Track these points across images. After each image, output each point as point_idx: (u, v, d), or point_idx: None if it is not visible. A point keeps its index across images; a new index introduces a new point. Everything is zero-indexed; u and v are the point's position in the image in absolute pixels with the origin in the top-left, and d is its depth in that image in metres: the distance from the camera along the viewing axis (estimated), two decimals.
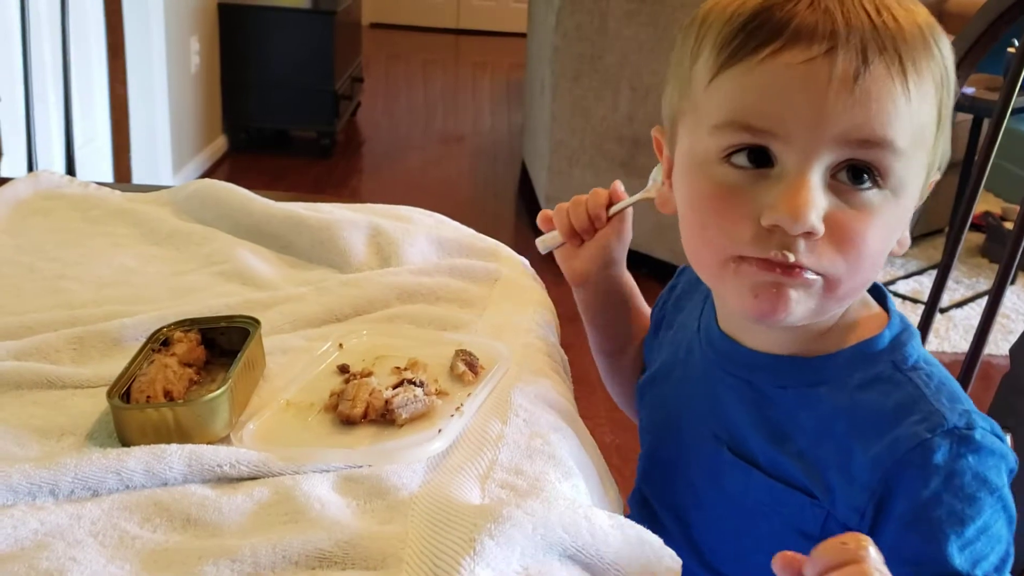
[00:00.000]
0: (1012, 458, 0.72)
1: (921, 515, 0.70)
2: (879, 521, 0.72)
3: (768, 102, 0.68)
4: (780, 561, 0.59)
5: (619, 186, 0.94)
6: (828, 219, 0.69)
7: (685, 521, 0.88)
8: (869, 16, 0.67)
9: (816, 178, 0.68)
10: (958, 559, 0.69)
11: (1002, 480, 0.71)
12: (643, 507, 0.94)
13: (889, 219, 0.71)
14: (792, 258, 0.69)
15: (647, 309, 1.03)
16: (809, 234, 0.68)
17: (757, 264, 0.70)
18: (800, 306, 0.71)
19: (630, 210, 0.95)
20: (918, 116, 0.69)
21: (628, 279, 1.01)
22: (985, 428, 0.72)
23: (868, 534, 0.60)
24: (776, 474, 0.78)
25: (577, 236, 0.95)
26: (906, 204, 0.72)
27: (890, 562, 0.68)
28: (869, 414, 0.74)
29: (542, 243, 0.98)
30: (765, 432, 0.79)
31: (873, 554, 0.57)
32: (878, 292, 0.82)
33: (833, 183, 0.69)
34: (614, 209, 0.94)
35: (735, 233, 0.71)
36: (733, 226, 0.71)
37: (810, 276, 0.70)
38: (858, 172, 0.69)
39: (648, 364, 0.98)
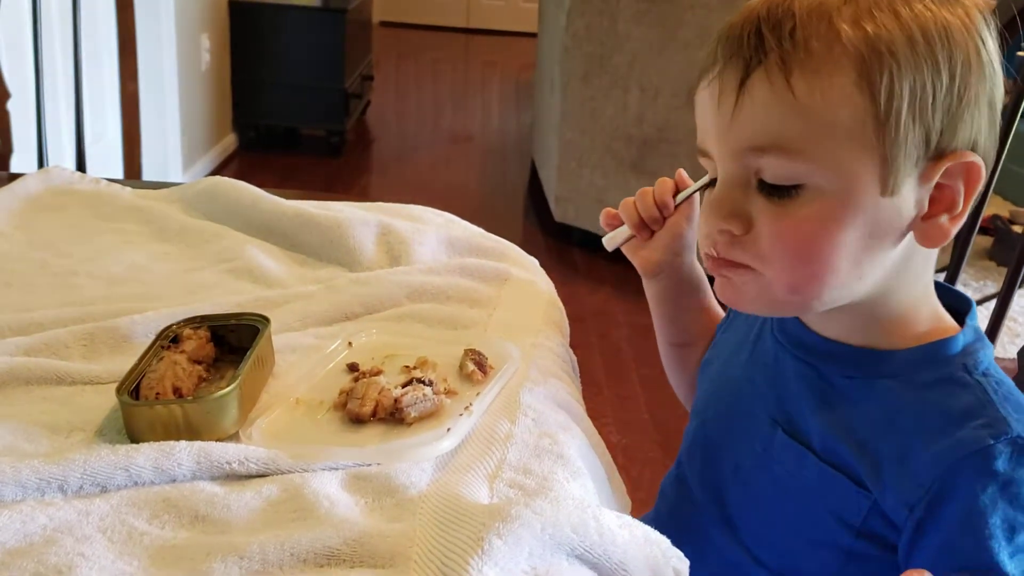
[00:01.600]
0: None
1: (975, 519, 0.70)
2: (928, 519, 0.71)
3: (700, 124, 0.77)
4: None
5: (684, 173, 0.95)
6: (757, 219, 0.74)
7: (724, 500, 0.88)
8: (759, 21, 0.71)
9: (728, 186, 0.75)
10: (1009, 566, 0.69)
11: None
12: (679, 485, 0.95)
13: (820, 216, 0.72)
14: (715, 252, 0.77)
15: (716, 303, 1.03)
16: (728, 232, 0.75)
17: (705, 258, 0.80)
18: (748, 292, 0.77)
19: (697, 195, 0.95)
20: (820, 112, 0.70)
21: (699, 269, 1.01)
22: None
23: (914, 531, 0.61)
24: (829, 459, 0.79)
25: (647, 228, 0.95)
26: (856, 199, 0.72)
27: (937, 564, 0.69)
28: (935, 412, 0.74)
29: (610, 240, 0.97)
30: (826, 418, 0.80)
31: None
32: (962, 301, 0.83)
33: (759, 188, 0.73)
34: (681, 196, 0.94)
35: (700, 235, 0.80)
36: (701, 229, 0.80)
37: (745, 267, 0.76)
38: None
39: (716, 343, 0.99)
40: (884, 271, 0.76)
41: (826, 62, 0.70)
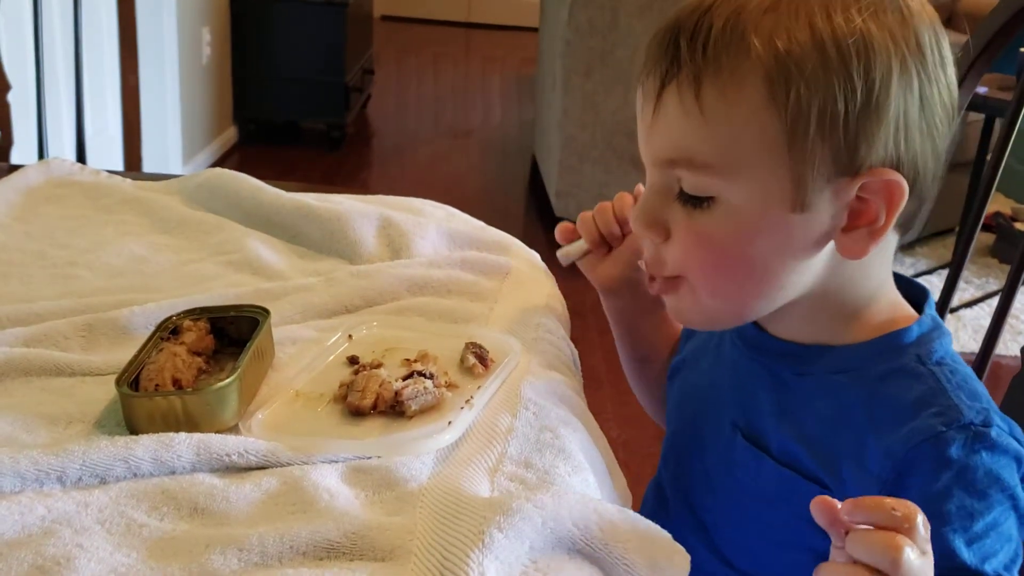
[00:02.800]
0: None
1: (931, 508, 0.69)
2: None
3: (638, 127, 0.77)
4: (818, 504, 0.60)
5: (642, 188, 0.94)
6: (674, 228, 0.75)
7: (695, 507, 0.89)
8: (679, 32, 0.71)
9: (652, 193, 0.76)
10: (966, 553, 0.68)
11: (1015, 480, 0.71)
12: (657, 492, 0.95)
13: (729, 229, 0.72)
14: (643, 266, 0.80)
15: None
16: (651, 241, 0.77)
17: (647, 282, 0.81)
18: (685, 304, 0.78)
19: None
20: (728, 128, 0.70)
21: None
22: (1003, 428, 0.71)
23: None
24: (786, 461, 0.78)
25: (605, 243, 0.94)
26: (765, 214, 0.71)
27: None
28: (888, 405, 0.74)
29: (564, 255, 0.96)
30: (779, 418, 0.80)
31: (922, 530, 0.58)
32: (921, 293, 0.82)
33: (679, 196, 0.74)
34: None
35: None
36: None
37: (675, 280, 0.77)
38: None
39: (681, 349, 0.99)
40: (813, 277, 0.75)
41: (735, 79, 0.69)
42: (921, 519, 0.59)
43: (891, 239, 0.76)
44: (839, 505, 0.59)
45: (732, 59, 0.68)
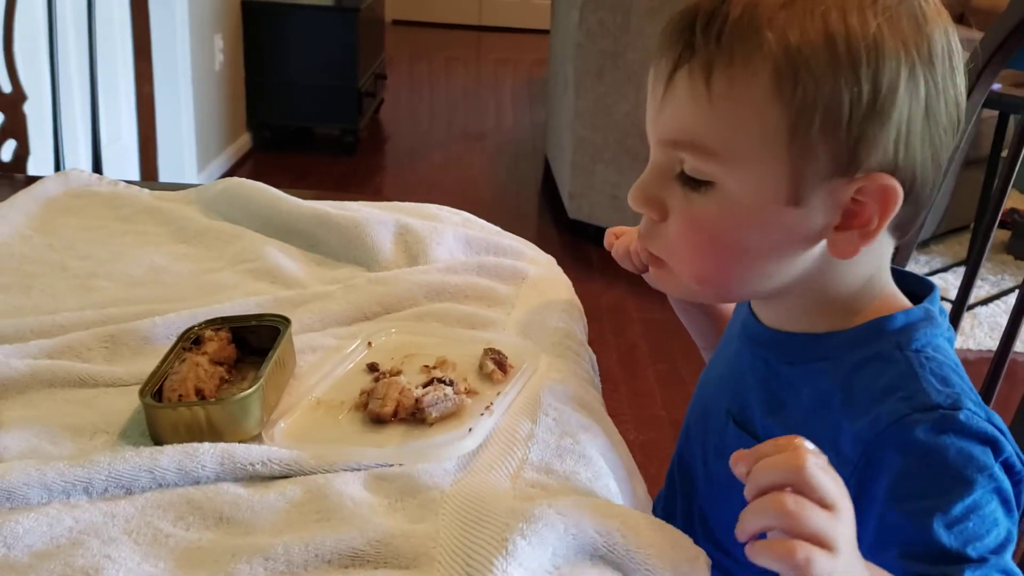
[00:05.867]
0: (1007, 446, 0.71)
1: (902, 493, 0.69)
2: (863, 501, 0.70)
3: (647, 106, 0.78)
4: (732, 459, 0.63)
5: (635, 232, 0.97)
6: (671, 208, 0.76)
7: (694, 495, 0.90)
8: (696, 17, 0.71)
9: (653, 172, 0.76)
10: (946, 536, 0.67)
11: (990, 460, 0.69)
12: (669, 482, 0.97)
13: (723, 216, 0.73)
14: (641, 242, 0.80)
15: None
16: (648, 217, 0.77)
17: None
18: (669, 282, 0.80)
19: None
20: (734, 117, 0.70)
21: None
22: (976, 412, 0.70)
23: (856, 514, 0.62)
24: None
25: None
26: (760, 206, 0.72)
27: (877, 546, 0.68)
28: (861, 390, 0.74)
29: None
30: (767, 406, 0.81)
31: (808, 445, 0.60)
32: (924, 286, 0.82)
33: (679, 177, 0.75)
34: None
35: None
36: None
37: (661, 262, 0.79)
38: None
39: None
40: (800, 270, 0.76)
41: (745, 69, 0.69)
42: (803, 440, 0.60)
43: (884, 240, 0.76)
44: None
45: (744, 50, 0.69)
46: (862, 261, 0.76)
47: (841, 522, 0.59)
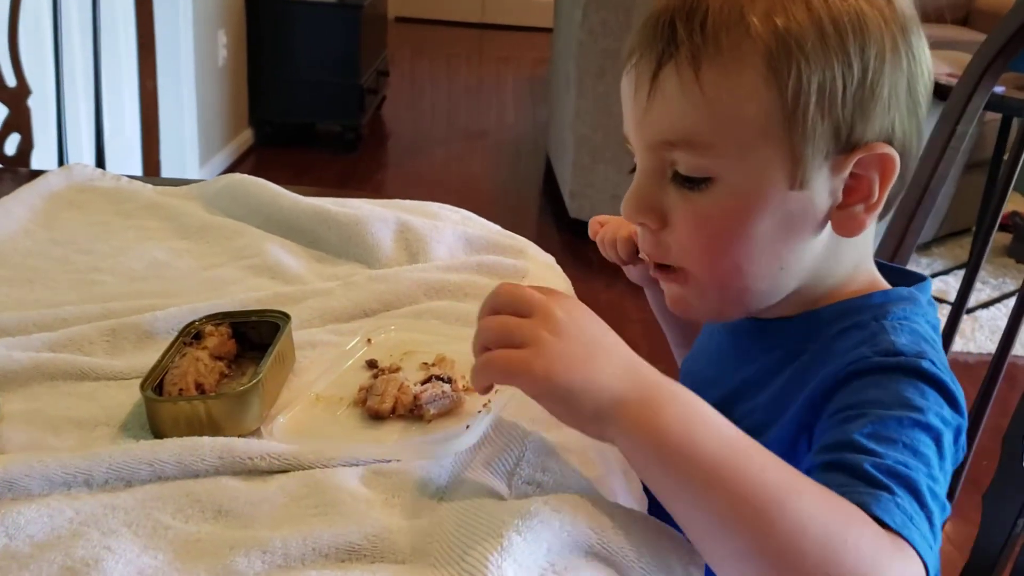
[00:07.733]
0: (962, 412, 0.69)
1: (844, 409, 0.68)
2: (816, 424, 0.71)
3: (624, 112, 0.77)
4: None
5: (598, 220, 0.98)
6: (672, 212, 0.75)
7: None
8: (674, 12, 0.71)
9: (644, 178, 0.75)
10: (864, 441, 0.64)
11: (943, 407, 0.68)
12: None
13: (729, 209, 0.73)
14: (644, 257, 0.80)
15: None
16: (643, 225, 0.76)
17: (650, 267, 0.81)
18: (691, 298, 0.78)
19: None
20: (728, 107, 0.70)
21: None
22: (938, 366, 0.69)
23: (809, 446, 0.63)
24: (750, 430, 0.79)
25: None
26: (764, 193, 0.72)
27: (811, 454, 0.68)
28: (834, 355, 0.74)
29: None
30: (749, 392, 0.81)
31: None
32: (915, 279, 0.82)
33: (674, 179, 0.74)
34: None
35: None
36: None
37: (675, 271, 0.77)
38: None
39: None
40: (813, 258, 0.76)
41: (735, 57, 0.69)
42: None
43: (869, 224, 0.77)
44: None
45: (731, 38, 0.69)
46: (850, 246, 0.77)
47: (538, 321, 0.65)
